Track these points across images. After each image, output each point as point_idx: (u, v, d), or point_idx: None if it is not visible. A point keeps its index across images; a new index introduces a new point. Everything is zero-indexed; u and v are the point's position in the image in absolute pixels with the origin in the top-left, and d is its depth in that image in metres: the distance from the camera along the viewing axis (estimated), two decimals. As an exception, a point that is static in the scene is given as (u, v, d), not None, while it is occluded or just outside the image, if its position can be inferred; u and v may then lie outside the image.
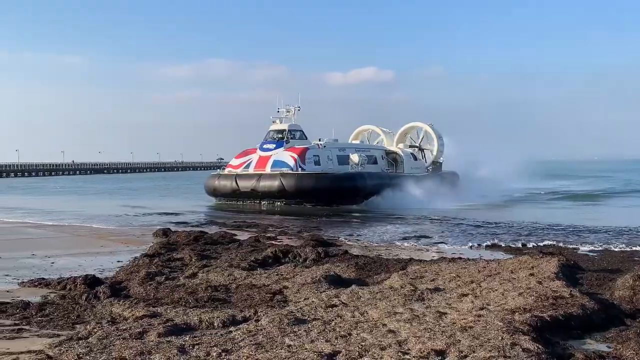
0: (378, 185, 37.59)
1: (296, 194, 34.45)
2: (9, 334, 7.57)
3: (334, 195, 34.87)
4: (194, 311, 8.41)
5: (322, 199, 34.60)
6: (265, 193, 34.91)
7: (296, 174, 34.62)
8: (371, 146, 45.35)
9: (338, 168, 37.76)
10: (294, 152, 36.23)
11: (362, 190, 36.37)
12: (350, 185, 36.01)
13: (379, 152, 43.91)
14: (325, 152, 38.04)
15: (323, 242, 17.41)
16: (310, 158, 36.41)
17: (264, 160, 36.57)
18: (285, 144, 37.37)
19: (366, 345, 6.47)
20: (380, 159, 42.89)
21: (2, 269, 12.96)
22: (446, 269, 11.27)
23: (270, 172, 35.36)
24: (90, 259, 14.88)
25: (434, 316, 7.66)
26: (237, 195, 36.24)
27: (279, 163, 35.75)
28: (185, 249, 15.34)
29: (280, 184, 34.23)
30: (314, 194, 34.41)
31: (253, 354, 6.25)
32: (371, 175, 38.18)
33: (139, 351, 6.35)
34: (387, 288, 9.53)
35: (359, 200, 36.04)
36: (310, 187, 34.25)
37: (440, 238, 19.76)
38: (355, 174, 37.31)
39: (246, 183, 35.40)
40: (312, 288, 10.06)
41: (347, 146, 41.33)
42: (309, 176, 34.69)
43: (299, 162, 35.50)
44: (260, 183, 34.84)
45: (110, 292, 9.97)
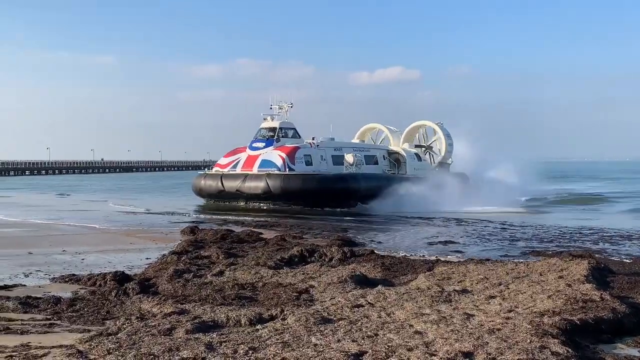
0: (374, 188, 35.20)
1: (282, 196, 32.76)
2: (41, 328, 7.71)
3: (323, 198, 33.06)
4: (221, 309, 8.47)
5: (310, 201, 32.90)
6: (251, 194, 33.33)
7: (282, 175, 32.87)
8: (371, 146, 43.36)
9: (332, 169, 35.89)
10: (283, 151, 34.33)
11: (355, 193, 34.43)
12: (341, 187, 34.12)
13: (380, 152, 41.78)
14: (318, 152, 36.03)
15: (349, 241, 17.42)
16: (301, 158, 34.46)
17: (251, 160, 34.82)
18: (276, 142, 35.52)
19: (393, 345, 6.45)
20: (381, 160, 40.85)
21: (34, 265, 13.23)
22: (474, 271, 11.17)
23: (256, 173, 33.65)
24: (119, 256, 15.11)
25: (462, 318, 7.60)
26: (222, 196, 34.72)
27: (267, 163, 34.00)
28: (213, 247, 15.47)
29: (265, 185, 32.58)
30: (301, 196, 32.71)
31: (280, 352, 6.27)
32: (366, 177, 36.23)
33: (168, 347, 6.43)
34: (413, 289, 9.49)
35: (353, 203, 34.06)
36: (297, 189, 32.49)
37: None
38: (346, 175, 35.48)
39: (231, 183, 33.76)
40: (338, 287, 10.07)
41: (344, 145, 38.96)
42: (295, 177, 32.91)
43: (288, 162, 33.63)
44: (245, 184, 33.23)
45: (139, 289, 10.12)
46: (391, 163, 41.46)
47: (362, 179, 35.47)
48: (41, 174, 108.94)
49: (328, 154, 36.57)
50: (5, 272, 12.20)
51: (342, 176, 35.11)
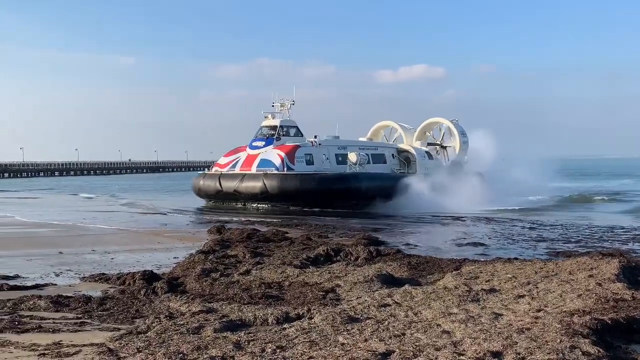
0: (378, 188, 33.90)
1: (280, 196, 31.71)
2: (72, 326, 7.84)
3: (322, 198, 31.87)
4: (249, 307, 8.54)
5: (309, 201, 31.86)
6: (248, 194, 32.37)
7: (280, 175, 31.82)
8: (379, 144, 41.60)
9: (336, 168, 34.68)
10: (282, 150, 33.25)
11: (357, 193, 33.13)
12: (341, 187, 32.85)
13: (389, 150, 40.17)
14: (320, 151, 34.77)
15: (375, 241, 17.37)
16: (301, 157, 33.35)
17: (250, 159, 33.77)
18: (276, 141, 34.35)
19: (420, 345, 6.42)
20: (389, 158, 39.41)
21: (64, 264, 13.46)
22: (502, 270, 11.06)
23: (254, 173, 32.68)
24: (147, 255, 15.29)
25: (490, 317, 7.54)
26: (220, 196, 33.86)
27: (265, 162, 32.96)
28: (239, 246, 15.57)
29: (262, 185, 31.54)
30: (299, 197, 31.64)
31: (307, 351, 6.29)
32: (369, 176, 34.68)
33: (196, 346, 6.49)
34: (441, 288, 9.43)
35: (355, 204, 32.70)
36: (295, 189, 31.43)
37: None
38: (347, 175, 34.06)
39: (229, 183, 32.81)
40: (364, 287, 10.06)
41: (349, 144, 37.40)
42: (293, 177, 31.81)
43: (287, 161, 32.55)
44: (242, 184, 32.27)
45: (167, 288, 10.24)
46: (401, 162, 40.11)
47: (364, 178, 34.08)
48: (70, 174, 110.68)
49: (331, 153, 35.38)
50: (37, 272, 12.43)
51: (342, 176, 33.85)
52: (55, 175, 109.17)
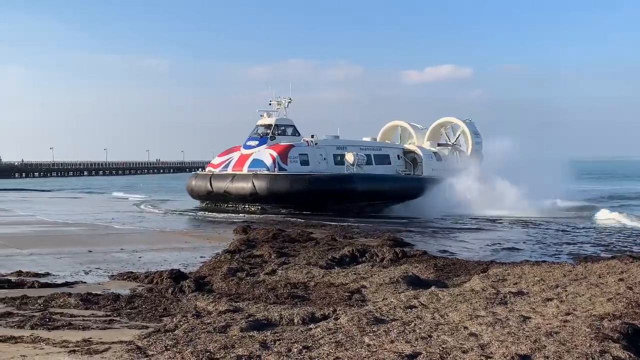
0: (377, 190, 32.61)
1: (270, 198, 30.43)
2: (101, 324, 7.96)
3: (314, 200, 30.45)
4: (275, 307, 8.57)
5: (299, 204, 30.43)
6: (238, 196, 31.04)
7: (269, 175, 30.41)
8: (383, 144, 39.60)
9: (334, 169, 33.05)
10: (275, 150, 31.82)
11: (350, 195, 31.54)
12: (334, 188, 31.20)
13: (395, 151, 38.32)
14: (316, 151, 33.13)
15: (400, 242, 17.30)
16: (295, 157, 31.76)
17: (243, 159, 32.39)
18: (270, 140, 32.92)
19: (447, 347, 6.38)
20: (395, 159, 37.53)
21: (93, 263, 13.67)
22: (529, 272, 10.94)
23: (244, 173, 31.35)
24: (174, 254, 15.45)
25: (518, 320, 7.46)
26: (211, 197, 32.74)
27: (257, 162, 31.56)
28: (265, 246, 15.64)
29: (252, 186, 30.19)
30: (289, 198, 30.37)
31: (333, 351, 6.29)
32: (366, 178, 32.93)
33: (223, 345, 6.54)
34: (467, 290, 9.36)
35: (351, 207, 31.43)
36: (285, 190, 30.05)
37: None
38: (341, 176, 32.36)
39: (219, 184, 31.58)
40: (390, 288, 10.03)
41: (349, 144, 35.46)
42: (283, 178, 30.35)
43: (279, 161, 31.09)
44: (232, 184, 30.99)
45: (194, 287, 10.33)
46: (407, 163, 38.32)
47: (359, 180, 32.35)
48: (99, 174, 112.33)
49: (329, 153, 33.67)
50: (67, 270, 12.64)
51: (335, 177, 32.16)
52: (84, 174, 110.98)
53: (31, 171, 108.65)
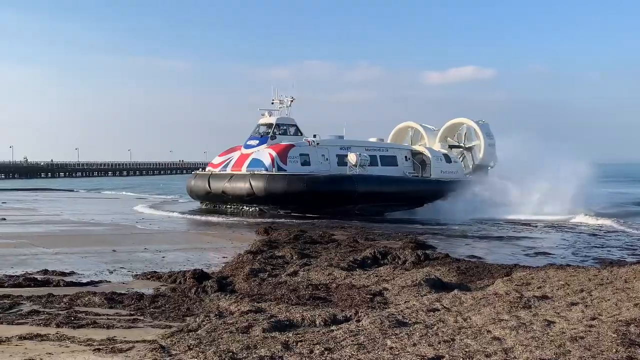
0: (379, 192, 31.57)
1: (267, 198, 29.63)
2: (125, 323, 8.05)
3: (312, 201, 29.55)
4: (296, 308, 8.58)
5: (296, 205, 29.70)
6: (235, 196, 30.33)
7: (266, 175, 29.60)
8: (390, 145, 38.22)
9: (337, 169, 32.11)
10: (274, 149, 31.02)
11: (350, 196, 30.55)
12: (332, 189, 30.26)
13: (402, 152, 37.06)
14: (318, 151, 32.24)
15: (422, 244, 17.22)
16: (295, 157, 31.00)
17: (242, 159, 31.70)
18: (270, 140, 32.10)
19: (470, 351, 6.34)
20: (402, 160, 36.31)
21: (118, 262, 13.83)
22: (554, 276, 10.82)
23: (242, 173, 30.66)
24: (197, 254, 15.56)
25: (542, 324, 7.38)
26: (210, 197, 32.11)
27: (256, 162, 30.82)
28: (286, 247, 15.67)
29: (249, 186, 29.47)
30: (286, 199, 29.57)
31: (355, 354, 6.29)
32: (367, 179, 31.83)
33: (246, 345, 6.57)
34: (491, 294, 9.29)
35: (351, 209, 30.41)
36: (282, 191, 29.18)
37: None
38: (341, 177, 31.30)
39: (218, 184, 30.93)
40: (412, 291, 9.99)
41: (354, 144, 34.40)
42: (280, 178, 29.54)
43: (278, 161, 30.30)
44: (230, 184, 30.33)
45: (217, 287, 10.39)
46: (415, 165, 36.97)
47: (361, 181, 31.31)
48: (122, 174, 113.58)
49: (332, 154, 32.77)
50: (92, 269, 12.80)
51: (334, 177, 31.16)
52: (109, 175, 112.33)
53: (56, 171, 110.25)
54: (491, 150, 39.85)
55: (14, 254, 14.55)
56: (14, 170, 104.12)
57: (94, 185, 71.86)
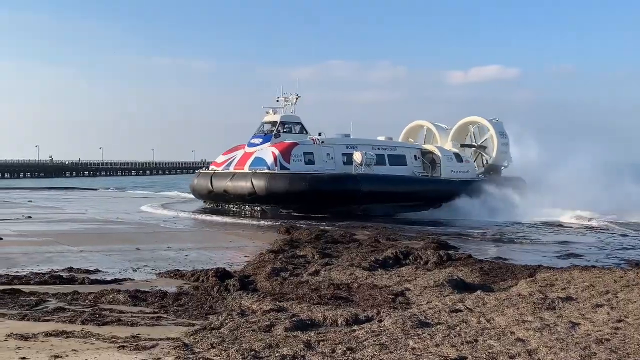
0: (385, 192, 30.75)
1: (268, 198, 28.87)
2: (149, 320, 8.13)
3: (314, 201, 28.82)
4: (318, 308, 8.59)
5: (299, 204, 29.04)
6: (237, 195, 29.68)
7: (268, 174, 28.75)
8: (399, 144, 37.35)
9: (342, 168, 31.32)
10: (277, 148, 30.14)
11: (354, 196, 29.73)
12: (336, 189, 29.44)
13: (411, 151, 36.03)
14: (323, 149, 31.41)
15: (445, 244, 17.12)
16: (299, 155, 30.14)
17: (245, 158, 30.98)
18: (274, 138, 31.24)
19: (493, 352, 6.29)
20: (411, 160, 35.29)
21: (142, 260, 13.97)
22: (578, 278, 10.68)
23: (244, 172, 29.88)
24: (219, 253, 15.67)
25: (566, 326, 7.30)
26: (212, 196, 31.54)
27: (258, 161, 30.03)
28: (308, 247, 15.70)
29: (250, 185, 28.69)
30: (288, 199, 28.82)
31: (377, 354, 6.28)
32: (374, 179, 30.84)
33: (268, 344, 6.60)
34: (514, 295, 9.20)
35: (355, 209, 29.84)
36: (283, 190, 28.36)
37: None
38: (345, 176, 30.44)
39: (219, 183, 30.26)
40: (434, 291, 9.94)
41: (361, 143, 33.30)
42: (282, 177, 28.71)
43: (281, 159, 29.44)
44: (231, 183, 29.65)
45: (239, 285, 10.46)
46: (425, 164, 35.90)
47: (365, 180, 30.30)
48: (146, 174, 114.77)
49: (337, 152, 31.90)
50: (116, 267, 12.96)
51: (338, 176, 30.30)
52: (132, 174, 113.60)
53: (81, 170, 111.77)
54: (504, 149, 38.86)
55: (39, 252, 14.78)
56: (40, 169, 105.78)
57: (119, 183, 72.71)
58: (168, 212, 29.86)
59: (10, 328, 7.41)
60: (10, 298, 9.23)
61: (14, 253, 14.44)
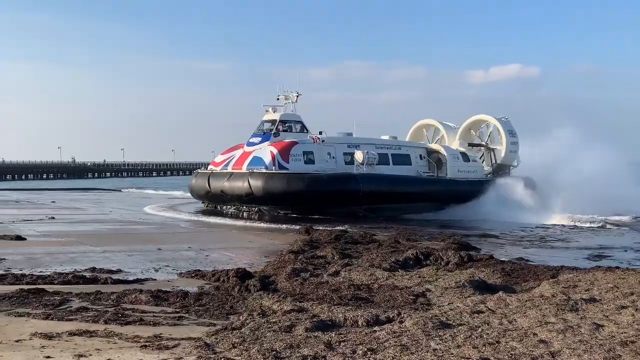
0: (387, 192, 29.92)
1: (266, 198, 27.92)
2: (171, 320, 8.19)
3: (313, 202, 28.01)
4: (339, 308, 8.58)
5: (297, 205, 28.20)
6: (234, 196, 28.83)
7: (265, 174, 27.81)
8: (404, 143, 36.25)
9: (343, 168, 30.38)
10: (276, 147, 29.22)
11: (354, 196, 28.75)
12: (336, 189, 28.55)
13: (416, 150, 34.99)
14: (324, 149, 30.43)
15: (466, 245, 17.00)
16: (298, 155, 29.20)
17: (244, 157, 30.08)
18: (274, 137, 30.30)
19: (516, 354, 6.24)
20: (416, 159, 34.28)
21: (163, 260, 14.08)
22: (602, 279, 10.54)
23: (241, 172, 29.03)
24: (239, 253, 15.73)
25: (590, 328, 7.21)
26: (209, 197, 30.83)
27: (256, 160, 29.12)
28: (327, 247, 15.69)
29: (247, 185, 27.80)
30: (286, 199, 27.92)
31: (398, 355, 6.25)
32: (375, 178, 29.99)
33: (289, 344, 6.61)
34: (537, 296, 9.11)
35: (356, 210, 29.04)
36: (281, 191, 27.36)
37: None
38: (345, 176, 29.50)
39: (217, 183, 29.49)
40: (456, 292, 9.88)
41: (363, 142, 32.38)
42: (279, 177, 27.73)
43: (279, 159, 28.50)
44: (228, 184, 28.83)
45: (260, 286, 10.48)
46: (430, 164, 34.86)
47: (366, 180, 29.36)
48: (167, 174, 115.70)
49: (338, 152, 30.90)
50: (138, 267, 13.07)
51: (337, 176, 29.28)
52: (153, 175, 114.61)
53: (103, 171, 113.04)
54: (514, 148, 37.82)
55: (63, 252, 14.97)
56: (62, 171, 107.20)
57: (141, 184, 73.34)
58: (186, 215, 29.41)
59: (35, 327, 7.52)
60: (35, 297, 9.36)
61: (38, 253, 14.65)
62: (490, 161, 38.49)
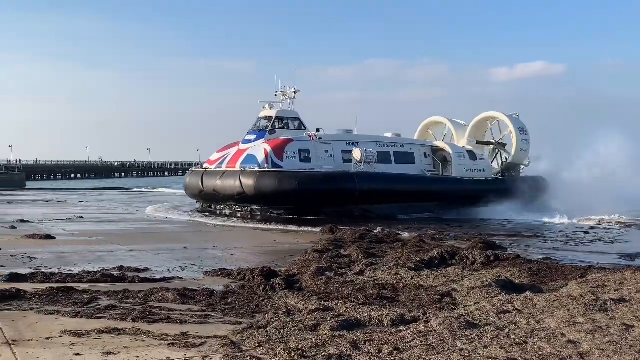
0: (386, 193, 28.87)
1: (257, 198, 27.17)
2: (197, 318, 8.25)
3: (306, 201, 27.13)
4: (364, 308, 8.57)
5: (290, 205, 27.32)
6: (227, 195, 28.08)
7: (257, 172, 27.09)
8: (407, 140, 34.97)
9: (342, 166, 29.59)
10: (270, 144, 28.42)
11: (349, 196, 27.76)
12: (330, 188, 27.58)
13: (421, 148, 34.05)
14: (321, 146, 29.60)
15: (492, 244, 16.86)
16: (294, 153, 28.35)
17: (238, 155, 29.32)
18: (269, 134, 29.49)
19: (544, 354, 6.16)
20: (420, 157, 33.31)
21: (189, 259, 14.21)
22: (632, 279, 10.35)
23: (233, 170, 28.33)
24: (264, 252, 15.80)
25: (620, 329, 7.09)
26: (202, 196, 30.18)
27: (250, 158, 28.37)
28: (352, 247, 15.68)
29: (239, 184, 27.08)
30: (278, 199, 27.00)
31: (424, 355, 6.22)
32: (372, 177, 28.97)
33: (314, 343, 6.62)
34: (565, 296, 8.99)
35: (352, 210, 28.11)
36: (272, 190, 26.53)
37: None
38: (340, 174, 28.60)
39: (210, 182, 28.79)
40: (482, 292, 9.80)
41: (362, 139, 31.52)
42: (271, 175, 26.88)
43: (273, 157, 27.71)
44: (221, 182, 28.10)
45: (285, 285, 10.51)
46: (435, 162, 33.81)
47: (363, 179, 28.38)
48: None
49: (337, 150, 30.10)
50: (165, 265, 13.21)
51: (331, 175, 28.38)
52: (178, 174, 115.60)
53: (129, 171, 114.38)
54: (525, 147, 36.59)
55: (91, 251, 15.19)
56: (90, 170, 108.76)
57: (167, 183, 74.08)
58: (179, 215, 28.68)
59: (65, 325, 7.63)
60: (64, 296, 9.50)
61: (66, 252, 14.89)
62: (500, 160, 37.62)
